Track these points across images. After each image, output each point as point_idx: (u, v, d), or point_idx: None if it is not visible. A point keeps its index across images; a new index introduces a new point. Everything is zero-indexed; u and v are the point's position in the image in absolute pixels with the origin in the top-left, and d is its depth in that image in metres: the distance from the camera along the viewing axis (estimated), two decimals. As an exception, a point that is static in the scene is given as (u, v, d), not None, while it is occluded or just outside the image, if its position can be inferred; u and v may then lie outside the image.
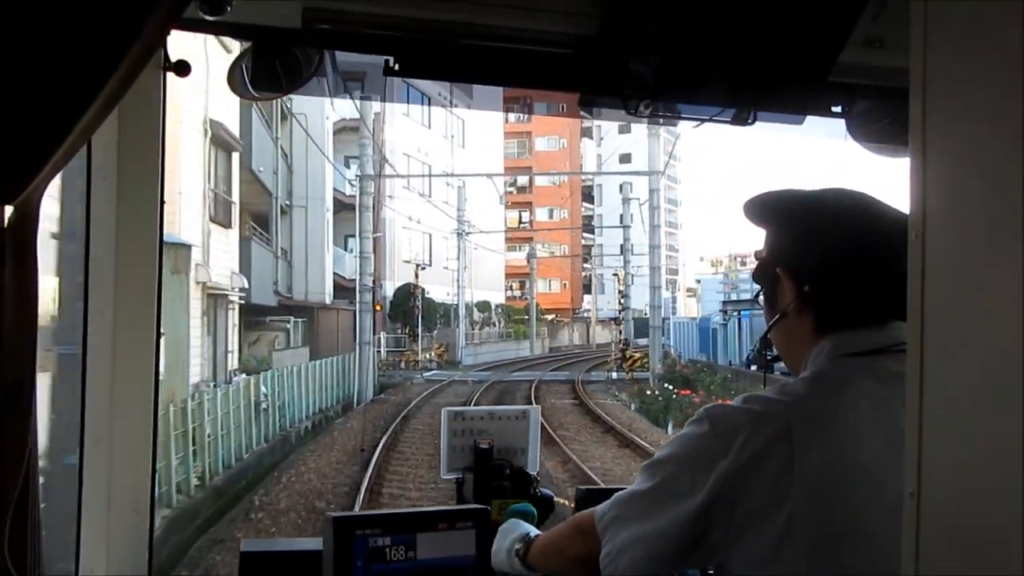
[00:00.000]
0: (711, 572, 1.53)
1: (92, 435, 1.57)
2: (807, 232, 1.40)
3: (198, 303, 16.99)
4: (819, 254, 1.37)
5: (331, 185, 30.08)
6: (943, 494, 0.85)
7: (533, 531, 1.61)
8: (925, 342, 0.87)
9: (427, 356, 36.06)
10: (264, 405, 15.94)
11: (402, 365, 33.56)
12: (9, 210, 1.00)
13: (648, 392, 23.57)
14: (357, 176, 27.67)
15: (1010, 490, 0.77)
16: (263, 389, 16.11)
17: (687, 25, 1.53)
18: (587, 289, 73.83)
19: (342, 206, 31.54)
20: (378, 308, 28.78)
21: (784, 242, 1.43)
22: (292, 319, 27.04)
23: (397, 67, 1.58)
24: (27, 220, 1.04)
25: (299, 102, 24.14)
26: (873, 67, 1.68)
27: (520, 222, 64.25)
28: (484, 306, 48.21)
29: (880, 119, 1.77)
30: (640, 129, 45.37)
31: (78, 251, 1.61)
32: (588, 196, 72.38)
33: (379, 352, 32.39)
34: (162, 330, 1.63)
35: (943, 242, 0.85)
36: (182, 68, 1.56)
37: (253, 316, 24.05)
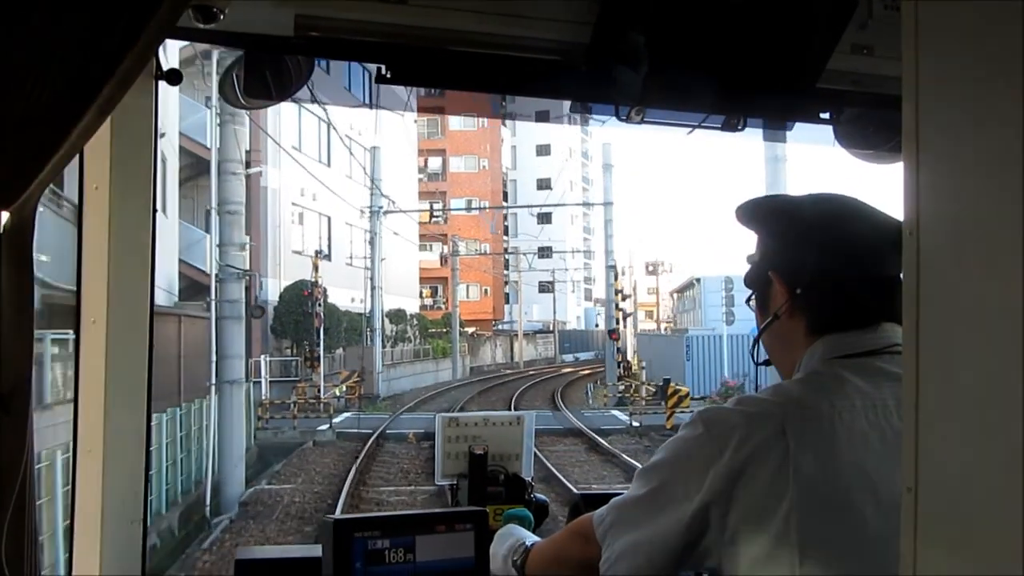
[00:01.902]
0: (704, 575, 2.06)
1: (85, 442, 2.10)
2: (797, 236, 1.86)
3: None
4: (810, 257, 1.83)
5: (176, 128, 27.37)
6: (941, 489, 1.08)
7: (530, 538, 2.18)
8: (921, 338, 1.12)
9: (335, 392, 32.67)
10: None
11: (294, 407, 28.33)
12: (5, 216, 1.32)
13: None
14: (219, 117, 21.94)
15: (1008, 485, 0.99)
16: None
17: (677, 32, 2.08)
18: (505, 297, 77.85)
19: (202, 165, 28.24)
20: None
21: (775, 246, 1.91)
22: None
23: (389, 75, 2.12)
24: (23, 225, 1.36)
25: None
26: (861, 74, 2.26)
27: (432, 215, 65.42)
28: (398, 316, 49.08)
29: (868, 125, 2.38)
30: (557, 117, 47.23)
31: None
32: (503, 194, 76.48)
33: (258, 383, 28.92)
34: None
35: (937, 240, 1.10)
36: (174, 77, 2.11)
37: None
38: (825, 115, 2.38)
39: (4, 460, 1.34)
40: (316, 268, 33.59)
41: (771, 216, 1.95)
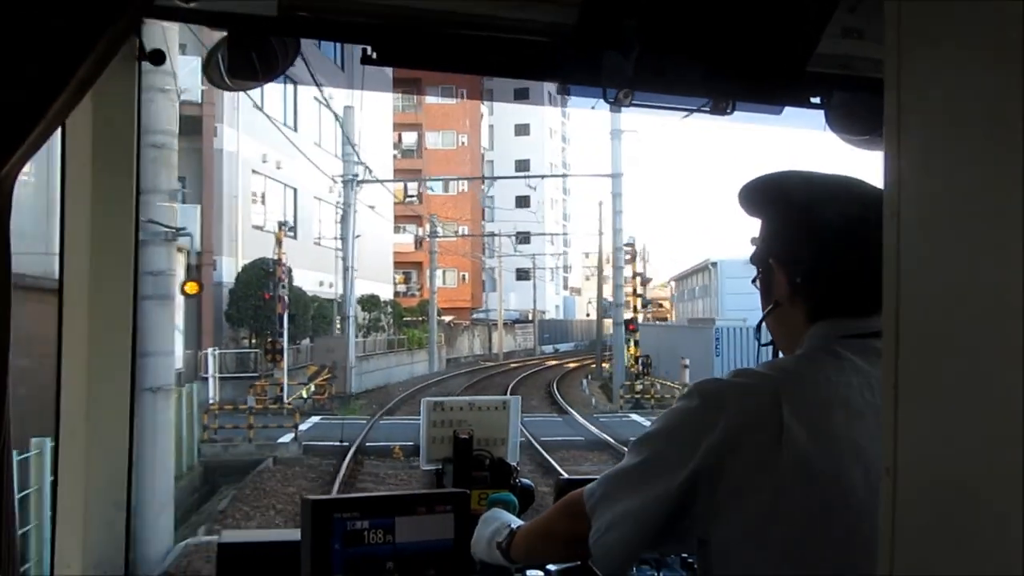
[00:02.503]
0: (691, 560, 2.27)
1: (68, 431, 2.31)
2: (795, 224, 2.02)
3: None
4: (807, 246, 1.98)
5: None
6: (918, 470, 1.17)
7: (515, 522, 2.40)
8: (901, 320, 1.21)
9: (301, 394, 30.32)
10: None
11: (249, 408, 24.93)
12: None
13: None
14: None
15: (985, 465, 1.07)
16: None
17: (666, 15, 2.24)
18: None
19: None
20: (192, 290, 20.15)
21: (775, 233, 2.08)
22: None
23: (375, 56, 2.30)
24: (1, 201, 1.51)
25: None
26: (851, 58, 2.47)
27: (406, 195, 65.58)
28: (372, 303, 47.97)
29: (858, 109, 2.58)
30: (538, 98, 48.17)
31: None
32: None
33: (206, 381, 26.63)
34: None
35: (917, 223, 1.19)
36: (157, 57, 2.30)
37: None
38: (815, 99, 2.59)
39: None
40: (280, 244, 30.80)
41: (769, 203, 2.12)
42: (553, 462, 18.65)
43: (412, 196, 67.17)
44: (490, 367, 56.41)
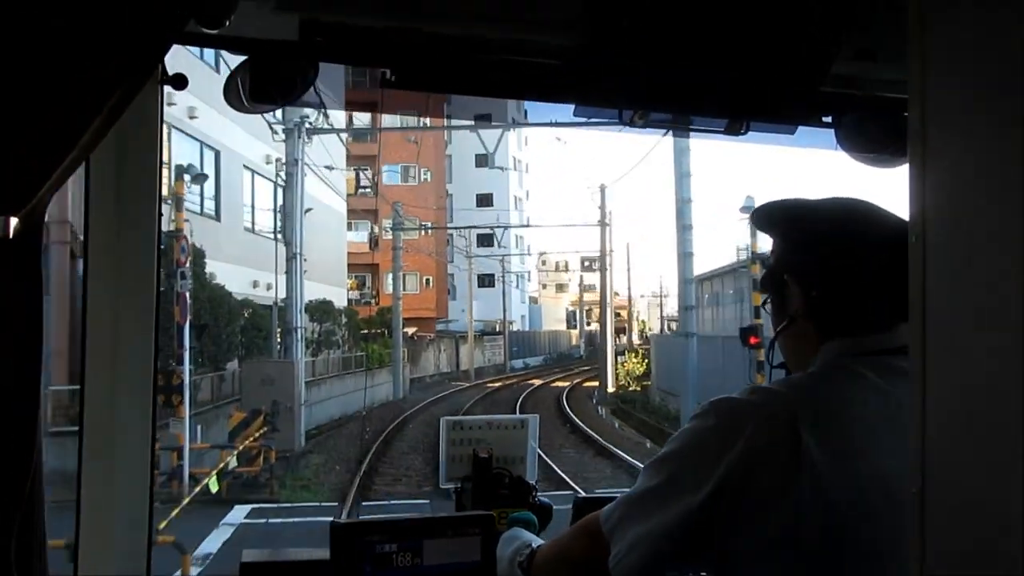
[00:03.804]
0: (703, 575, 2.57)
1: (91, 442, 2.69)
2: (812, 240, 2.36)
3: None
4: (825, 261, 2.31)
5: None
6: (947, 493, 1.30)
7: (535, 540, 2.77)
8: (927, 342, 1.35)
9: (210, 480, 20.52)
10: None
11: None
12: (14, 222, 1.60)
13: None
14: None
15: (1014, 489, 1.18)
16: None
17: (679, 36, 2.60)
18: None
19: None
20: None
21: (791, 250, 2.42)
22: None
23: (394, 79, 2.66)
24: (32, 232, 1.64)
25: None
26: (864, 78, 2.84)
27: (359, 185, 64.86)
28: (323, 311, 45.67)
29: (871, 129, 2.97)
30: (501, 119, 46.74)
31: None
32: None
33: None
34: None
35: (943, 245, 1.34)
36: (179, 82, 2.65)
37: None
38: (827, 119, 3.00)
39: (14, 467, 1.64)
40: (177, 205, 23.21)
41: (787, 220, 2.48)
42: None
43: (366, 187, 66.41)
44: (464, 388, 55.77)
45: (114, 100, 1.67)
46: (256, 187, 39.64)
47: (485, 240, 75.85)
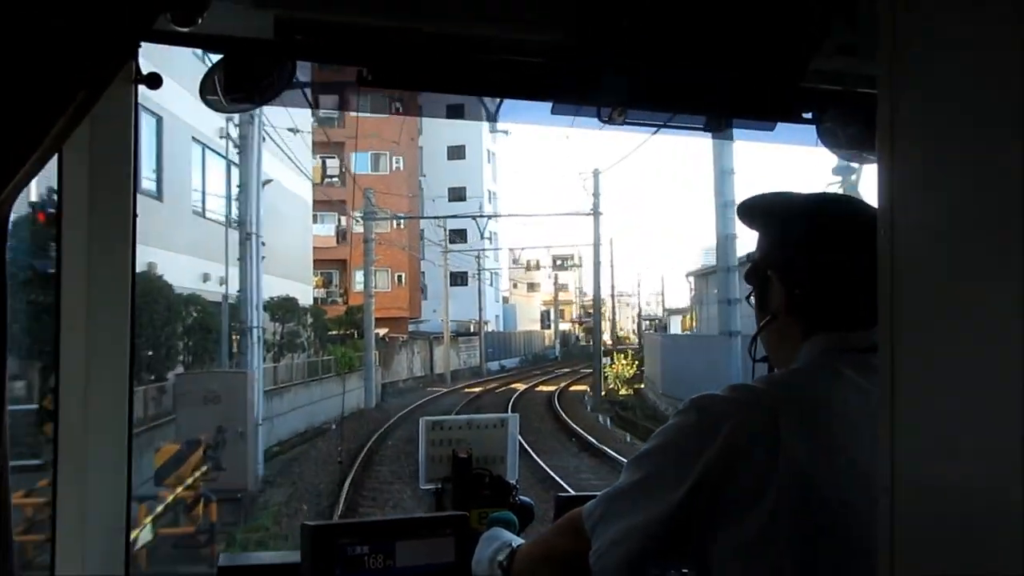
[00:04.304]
0: (685, 572, 2.71)
1: (66, 440, 2.83)
2: (796, 236, 2.46)
3: None
4: (807, 258, 2.42)
5: None
6: (916, 489, 1.36)
7: (516, 540, 2.90)
8: (896, 338, 1.41)
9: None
10: None
11: None
12: None
13: None
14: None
15: (983, 485, 1.24)
16: None
17: (659, 33, 2.73)
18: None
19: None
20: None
21: (775, 245, 2.52)
22: None
23: (371, 77, 2.79)
24: None
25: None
26: (845, 73, 2.98)
27: (325, 175, 63.14)
28: (286, 308, 41.94)
29: (851, 125, 3.12)
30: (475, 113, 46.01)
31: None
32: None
33: None
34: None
35: (912, 240, 1.39)
36: (154, 81, 2.81)
37: None
38: (808, 115, 3.15)
39: None
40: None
41: (770, 216, 2.61)
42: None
43: (333, 176, 65.52)
44: (445, 395, 52.52)
45: (83, 98, 1.76)
46: (209, 165, 35.47)
47: (458, 236, 75.08)
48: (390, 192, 62.84)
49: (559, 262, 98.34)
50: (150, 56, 2.72)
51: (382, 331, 59.00)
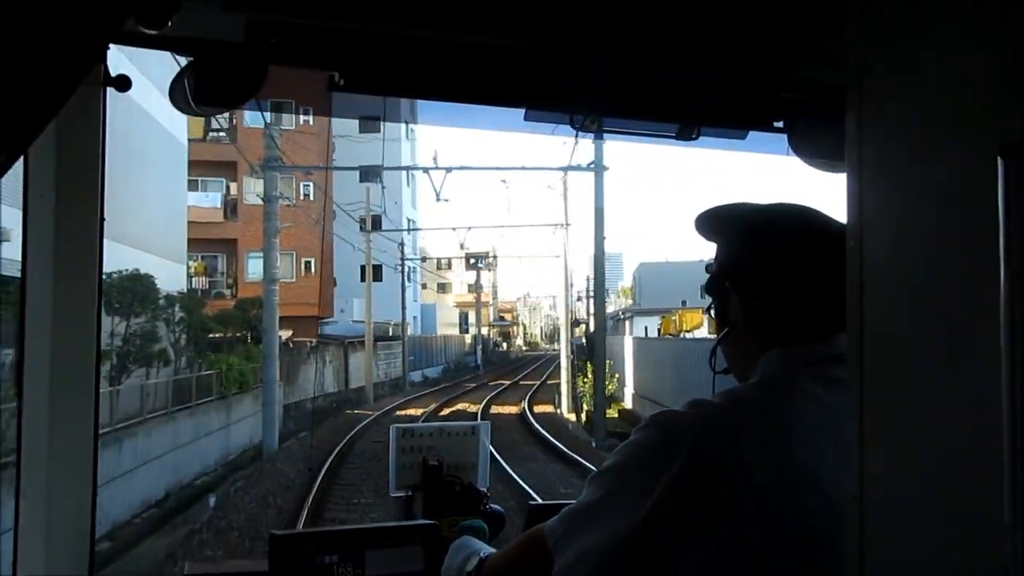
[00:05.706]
0: None
1: (30, 438, 3.19)
2: (753, 249, 2.77)
3: None
4: (764, 272, 2.72)
5: None
6: (885, 498, 1.56)
7: (485, 549, 3.23)
8: (865, 348, 1.62)
9: None
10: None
11: None
12: None
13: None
14: None
15: (951, 492, 1.43)
16: None
17: (634, 42, 3.07)
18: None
19: None
20: None
21: (731, 258, 2.84)
22: None
23: (342, 82, 3.14)
24: None
25: None
26: (818, 83, 3.34)
27: (208, 128, 59.53)
28: (133, 292, 34.87)
29: (823, 134, 3.49)
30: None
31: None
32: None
33: None
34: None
35: (880, 251, 1.61)
36: (123, 83, 3.17)
37: None
38: (779, 124, 3.56)
39: None
40: None
41: (727, 229, 2.92)
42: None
43: (218, 130, 62.97)
44: (372, 423, 44.33)
45: (49, 100, 1.95)
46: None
47: (373, 223, 69.97)
48: (296, 151, 57.99)
49: (473, 261, 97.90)
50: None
51: (285, 334, 52.53)
